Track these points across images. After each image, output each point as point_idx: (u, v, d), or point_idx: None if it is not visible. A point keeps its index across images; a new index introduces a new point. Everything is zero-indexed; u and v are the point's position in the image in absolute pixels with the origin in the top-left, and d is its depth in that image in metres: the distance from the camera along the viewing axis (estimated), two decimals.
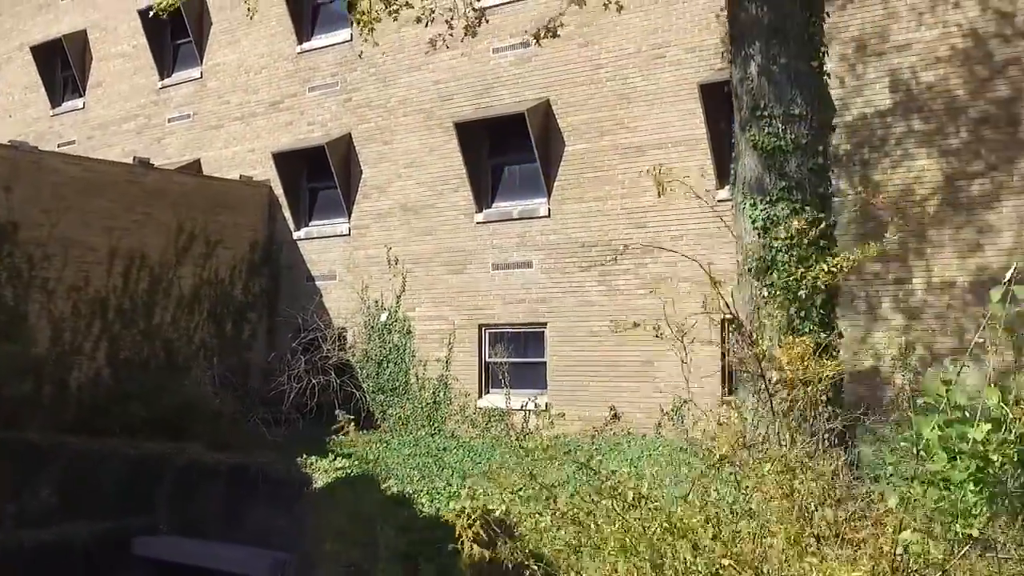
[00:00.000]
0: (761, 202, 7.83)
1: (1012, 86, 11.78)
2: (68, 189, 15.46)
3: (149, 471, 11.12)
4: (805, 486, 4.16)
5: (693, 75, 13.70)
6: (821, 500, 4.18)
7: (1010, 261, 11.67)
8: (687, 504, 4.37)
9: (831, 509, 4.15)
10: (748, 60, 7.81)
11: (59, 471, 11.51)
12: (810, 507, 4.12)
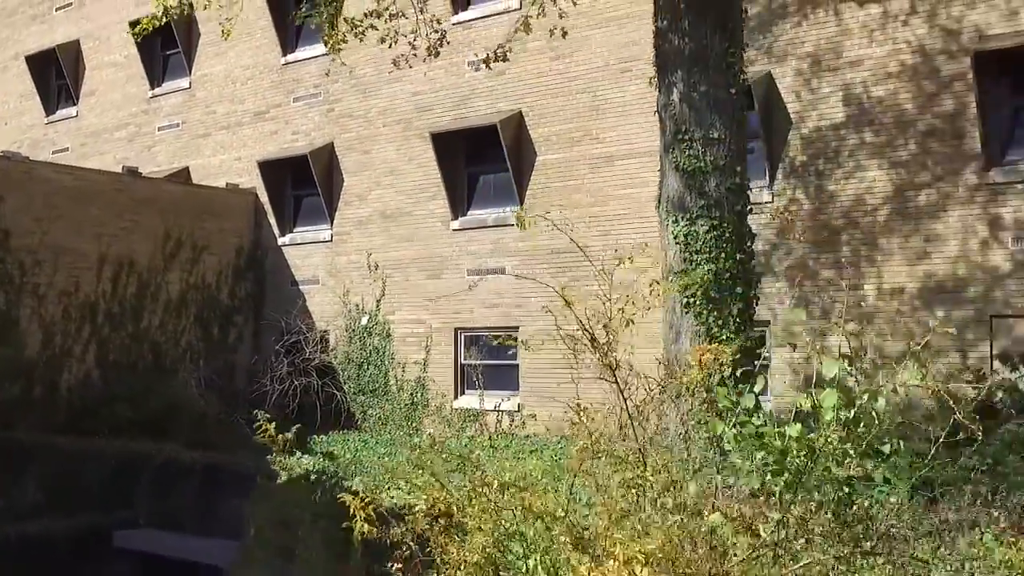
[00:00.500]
0: (682, 219, 8.36)
1: (957, 101, 12.30)
2: (59, 198, 16.01)
3: (129, 469, 11.67)
4: (632, 474, 4.78)
5: None
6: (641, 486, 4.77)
7: (955, 268, 12.26)
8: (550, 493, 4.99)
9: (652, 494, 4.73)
10: (671, 87, 8.34)
11: (46, 469, 12.06)
12: (632, 493, 4.72)
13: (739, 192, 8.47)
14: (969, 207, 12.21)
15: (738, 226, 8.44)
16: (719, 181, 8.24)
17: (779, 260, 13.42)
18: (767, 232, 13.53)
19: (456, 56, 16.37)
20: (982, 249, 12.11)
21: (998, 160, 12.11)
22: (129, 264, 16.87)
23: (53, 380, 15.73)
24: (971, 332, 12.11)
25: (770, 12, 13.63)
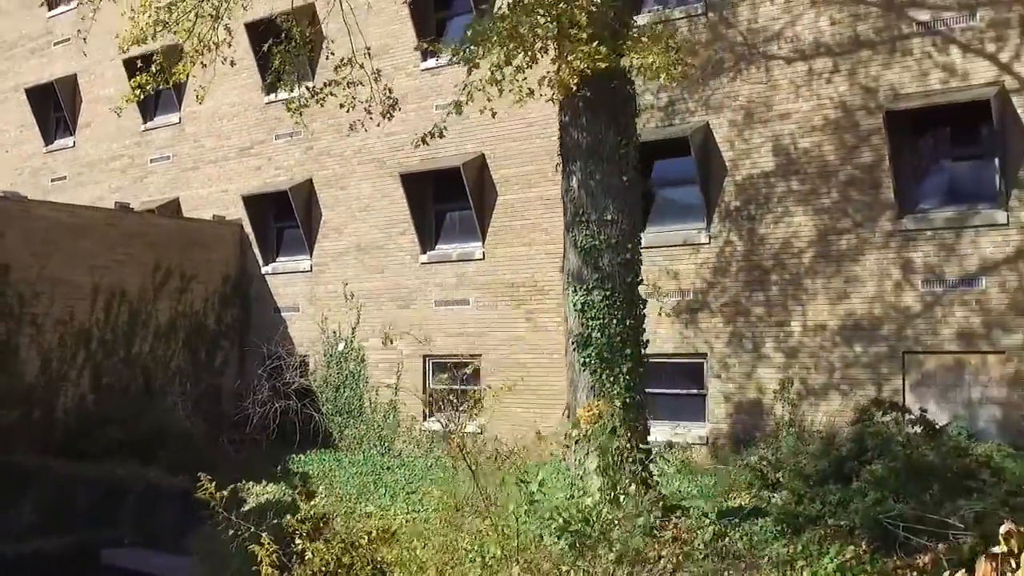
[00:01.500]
0: (580, 289, 9.47)
1: (875, 153, 13.40)
2: (55, 233, 17.16)
3: (117, 492, 12.81)
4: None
5: None
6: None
7: (872, 308, 13.37)
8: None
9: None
10: (571, 175, 9.45)
11: (41, 492, 13.21)
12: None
13: (630, 266, 9.56)
14: (884, 252, 13.31)
15: (629, 295, 9.53)
16: (611, 257, 9.34)
17: (715, 297, 14.54)
18: (704, 271, 14.68)
19: (425, 100, 17.57)
20: (895, 291, 13.22)
21: (910, 209, 13.22)
22: (121, 294, 18.02)
23: (50, 404, 16.88)
24: (885, 367, 13.23)
25: (706, 64, 14.74)
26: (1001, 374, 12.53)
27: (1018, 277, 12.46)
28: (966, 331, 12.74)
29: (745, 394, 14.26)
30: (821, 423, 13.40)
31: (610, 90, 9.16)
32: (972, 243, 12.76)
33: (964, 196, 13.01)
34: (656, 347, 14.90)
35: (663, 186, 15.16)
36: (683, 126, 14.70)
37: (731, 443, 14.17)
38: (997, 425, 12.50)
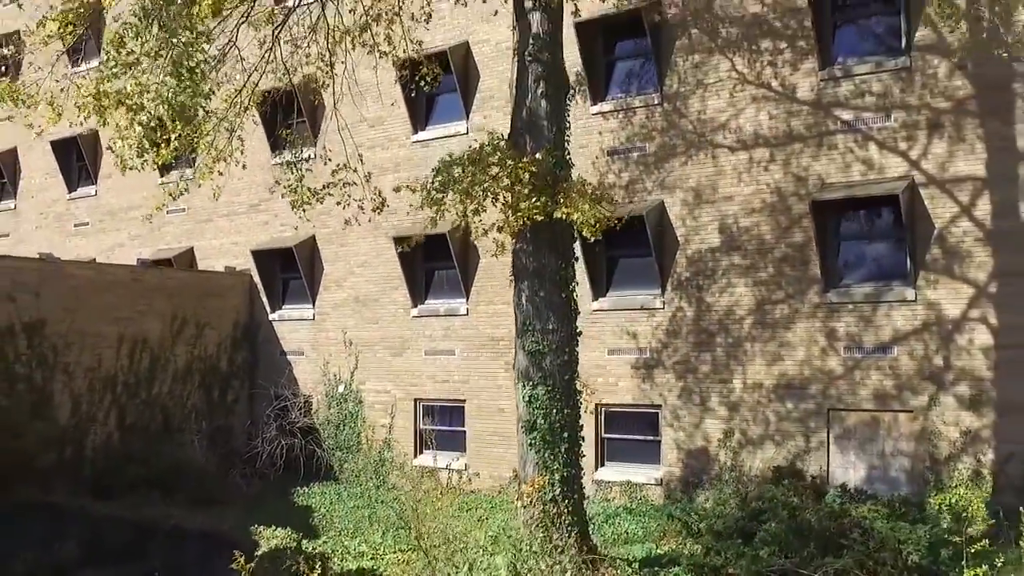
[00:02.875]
0: (527, 385, 11.43)
1: (805, 234, 15.34)
2: (84, 289, 19.15)
3: (147, 530, 14.78)
4: None
5: None
6: None
7: (802, 370, 15.32)
8: None
9: None
10: (520, 292, 11.39)
11: (80, 529, 15.18)
12: None
13: (567, 366, 11.50)
14: (812, 321, 15.27)
15: (567, 390, 11.47)
16: (552, 359, 11.29)
17: (668, 356, 16.49)
18: (659, 333, 16.64)
19: (415, 169, 19.48)
20: (822, 355, 15.17)
21: (834, 284, 15.17)
22: (143, 341, 20.00)
23: (80, 443, 18.86)
24: (812, 421, 15.20)
25: (663, 150, 16.69)
26: (910, 430, 14.50)
27: (924, 347, 14.41)
28: (881, 392, 14.70)
29: (694, 442, 16.22)
30: (758, 468, 15.42)
31: (550, 225, 11.07)
32: (886, 316, 14.71)
33: (880, 275, 14.97)
34: (618, 398, 17.03)
35: (624, 256, 17.07)
36: (641, 204, 16.65)
37: (681, 485, 16.15)
38: (906, 474, 14.47)
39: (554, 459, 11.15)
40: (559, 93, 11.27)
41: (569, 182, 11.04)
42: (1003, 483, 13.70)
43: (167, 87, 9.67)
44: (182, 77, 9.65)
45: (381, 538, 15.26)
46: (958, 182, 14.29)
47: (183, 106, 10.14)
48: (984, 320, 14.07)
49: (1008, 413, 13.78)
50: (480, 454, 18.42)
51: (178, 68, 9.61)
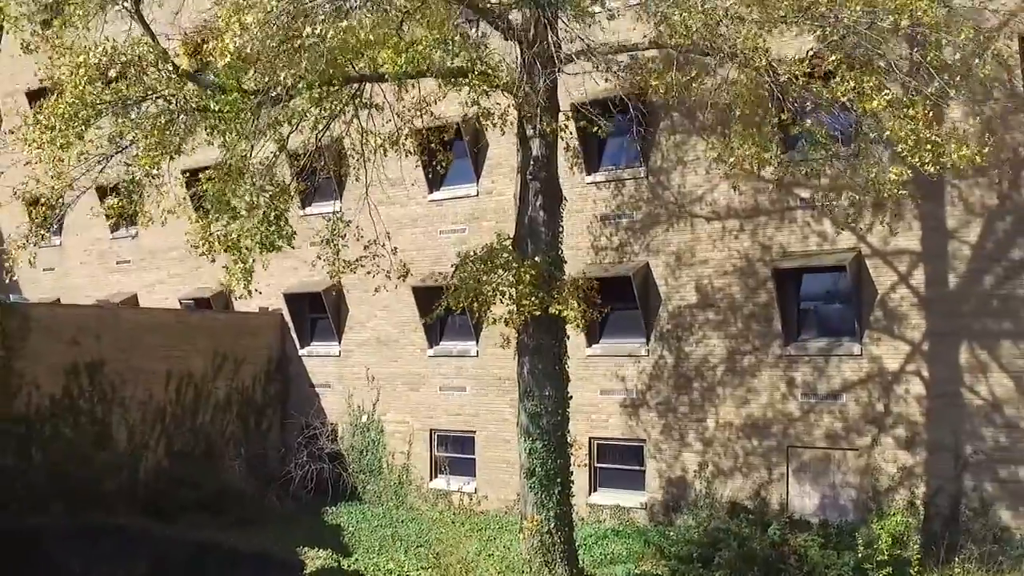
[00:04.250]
0: (527, 439, 13.91)
1: (769, 295, 17.81)
2: (137, 331, 21.64)
3: (205, 551, 17.25)
4: None
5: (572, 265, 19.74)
6: None
7: (766, 412, 17.77)
8: None
9: None
10: (523, 365, 13.87)
11: (145, 549, 17.66)
12: None
13: (560, 425, 13.96)
14: (775, 370, 17.75)
15: (560, 445, 13.96)
16: (548, 419, 13.78)
17: (651, 397, 18.98)
18: (643, 376, 19.12)
19: (431, 226, 22.04)
20: (782, 400, 17.65)
21: (793, 339, 17.65)
22: (188, 376, 22.50)
23: (135, 468, 21.35)
24: (774, 456, 17.69)
25: (649, 218, 19.16)
26: (855, 466, 16.99)
27: (868, 394, 16.90)
28: (831, 432, 17.19)
29: (674, 472, 18.72)
30: (727, 496, 17.92)
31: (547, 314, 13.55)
32: (836, 367, 17.20)
33: (831, 332, 17.46)
34: (609, 432, 19.52)
35: (614, 310, 19.51)
36: (629, 265, 19.13)
37: (663, 509, 18.65)
38: (852, 503, 16.96)
39: (549, 500, 13.64)
40: (554, 204, 13.76)
41: (562, 281, 13.51)
42: (933, 513, 16.20)
43: (261, 232, 12.21)
44: (270, 223, 12.17)
45: (405, 556, 17.75)
46: (897, 255, 16.78)
47: (272, 244, 12.64)
48: (918, 373, 16.56)
49: (937, 453, 16.27)
50: (488, 479, 20.92)
51: (267, 216, 12.14)
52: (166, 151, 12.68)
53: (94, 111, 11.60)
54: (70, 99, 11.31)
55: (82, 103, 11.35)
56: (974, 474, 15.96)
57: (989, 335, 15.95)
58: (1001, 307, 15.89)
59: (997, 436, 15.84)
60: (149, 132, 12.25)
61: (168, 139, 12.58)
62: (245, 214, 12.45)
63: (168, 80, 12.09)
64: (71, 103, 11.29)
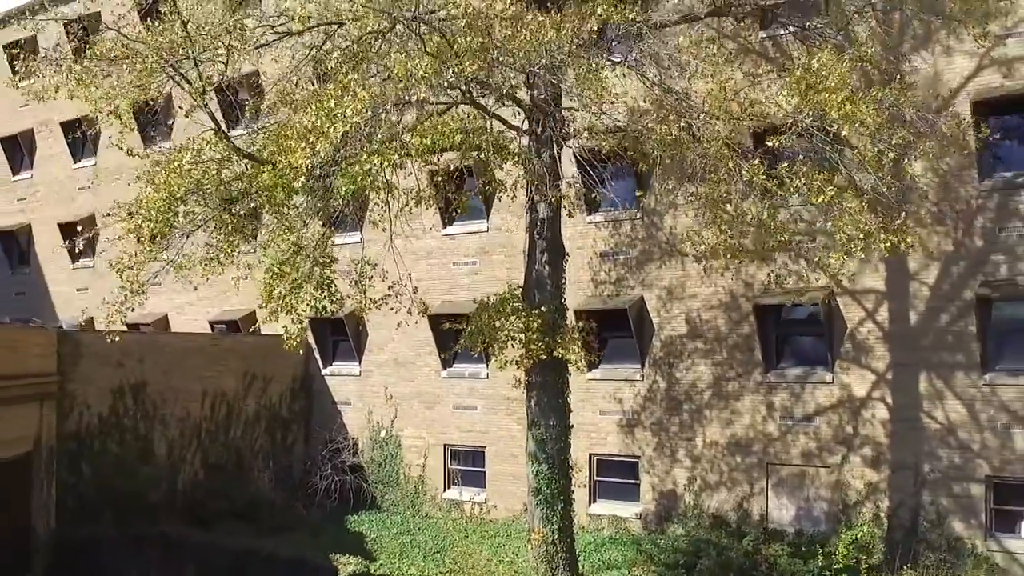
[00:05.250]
0: (535, 463, 15.88)
1: (751, 327, 19.76)
2: (175, 354, 23.62)
3: (246, 558, 19.20)
4: None
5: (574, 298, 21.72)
6: None
7: (748, 432, 19.77)
8: None
9: None
10: (531, 399, 15.82)
11: (189, 555, 19.63)
12: None
13: (563, 450, 15.91)
14: (756, 395, 19.74)
15: (563, 468, 15.91)
16: (552, 445, 15.74)
17: (646, 418, 20.98)
18: (638, 399, 21.11)
19: (445, 258, 24.02)
20: (763, 422, 19.64)
21: (772, 367, 19.65)
22: (221, 395, 24.49)
23: (174, 480, 23.33)
24: (755, 472, 19.68)
25: (643, 255, 21.15)
26: (827, 481, 18.98)
27: (839, 418, 18.88)
28: (806, 451, 19.18)
29: (665, 485, 20.72)
30: (713, 508, 19.91)
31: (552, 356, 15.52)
32: (811, 393, 19.19)
33: (807, 361, 19.45)
34: (607, 449, 21.49)
35: (612, 338, 21.50)
36: (626, 298, 21.12)
37: (656, 519, 20.65)
38: (824, 515, 18.95)
39: (553, 514, 15.62)
40: (558, 259, 15.73)
41: (565, 328, 15.48)
42: (895, 524, 18.20)
43: (316, 298, 14.23)
44: (323, 291, 14.20)
45: (423, 561, 19.74)
46: (865, 293, 18.77)
47: (325, 308, 14.66)
48: (883, 399, 18.55)
49: (899, 471, 18.26)
50: (497, 490, 22.92)
51: (321, 283, 14.19)
52: (243, 236, 14.55)
53: (182, 203, 13.57)
54: (163, 194, 13.30)
55: (173, 198, 13.34)
56: (931, 490, 17.96)
57: (945, 366, 17.95)
58: (955, 342, 17.88)
59: (952, 456, 17.84)
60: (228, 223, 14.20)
61: (243, 227, 14.50)
62: (305, 283, 14.39)
63: (241, 174, 14.01)
64: (164, 198, 13.28)
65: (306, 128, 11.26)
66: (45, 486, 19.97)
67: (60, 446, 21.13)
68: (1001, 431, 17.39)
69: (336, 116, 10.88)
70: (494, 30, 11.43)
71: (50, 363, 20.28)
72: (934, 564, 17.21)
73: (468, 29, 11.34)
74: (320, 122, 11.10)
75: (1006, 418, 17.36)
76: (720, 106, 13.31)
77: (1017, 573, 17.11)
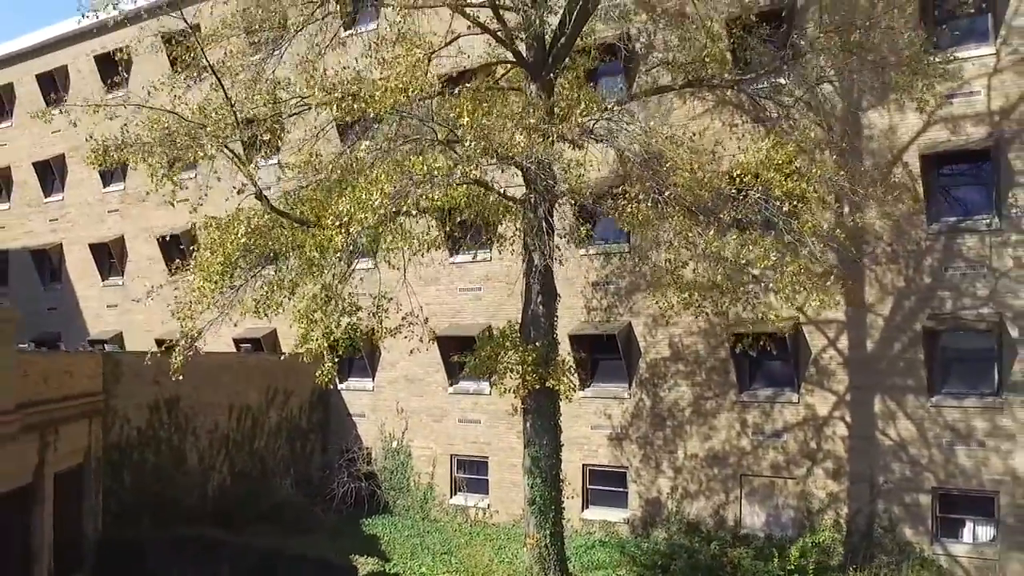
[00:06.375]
0: (530, 477, 18.07)
1: (726, 352, 22.02)
2: (206, 372, 25.87)
3: (275, 557, 21.47)
4: None
5: (568, 324, 23.98)
6: None
7: (724, 446, 22.03)
8: None
9: None
10: (527, 421, 17.99)
11: (223, 555, 21.90)
12: None
13: (555, 466, 18.10)
14: (731, 413, 21.99)
15: (555, 481, 18.11)
16: (545, 462, 17.91)
17: (633, 432, 23.25)
18: (626, 415, 23.37)
19: (452, 284, 26.27)
20: (737, 437, 21.89)
21: (745, 388, 21.89)
22: (246, 408, 26.77)
23: (204, 487, 25.62)
24: (730, 483, 21.94)
25: (631, 286, 23.40)
26: (794, 491, 21.23)
27: (804, 434, 21.13)
28: (775, 464, 21.43)
29: (651, 494, 22.98)
30: (693, 514, 22.17)
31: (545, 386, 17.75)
32: (780, 412, 21.45)
33: (776, 383, 21.69)
34: (598, 460, 23.72)
35: (603, 360, 23.76)
36: (615, 324, 23.38)
37: (642, 524, 22.91)
38: (791, 521, 21.19)
39: (546, 522, 17.86)
40: (551, 301, 17.96)
41: (556, 361, 17.71)
42: (853, 529, 20.45)
43: (343, 344, 16.57)
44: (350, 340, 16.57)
45: (432, 561, 22.01)
46: (827, 323, 21.01)
47: (353, 350, 16.96)
48: (842, 418, 20.80)
49: (857, 482, 20.51)
50: (499, 497, 25.19)
51: (348, 330, 16.52)
52: (283, 292, 16.80)
53: (236, 266, 15.86)
54: (222, 258, 15.59)
55: (229, 262, 15.62)
56: (885, 500, 20.20)
57: (897, 390, 20.19)
58: (906, 368, 20.12)
59: (903, 470, 20.08)
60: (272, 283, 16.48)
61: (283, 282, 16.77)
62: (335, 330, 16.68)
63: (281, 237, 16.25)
64: (222, 262, 15.58)
65: (342, 212, 13.56)
66: (93, 493, 22.23)
67: (105, 457, 23.41)
68: (946, 448, 19.62)
69: (366, 206, 13.15)
70: (493, 137, 13.73)
71: (97, 383, 22.55)
72: (886, 565, 19.46)
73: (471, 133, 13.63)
74: (353, 209, 13.38)
75: (950, 436, 19.59)
76: (689, 174, 15.48)
77: (959, 575, 19.36)
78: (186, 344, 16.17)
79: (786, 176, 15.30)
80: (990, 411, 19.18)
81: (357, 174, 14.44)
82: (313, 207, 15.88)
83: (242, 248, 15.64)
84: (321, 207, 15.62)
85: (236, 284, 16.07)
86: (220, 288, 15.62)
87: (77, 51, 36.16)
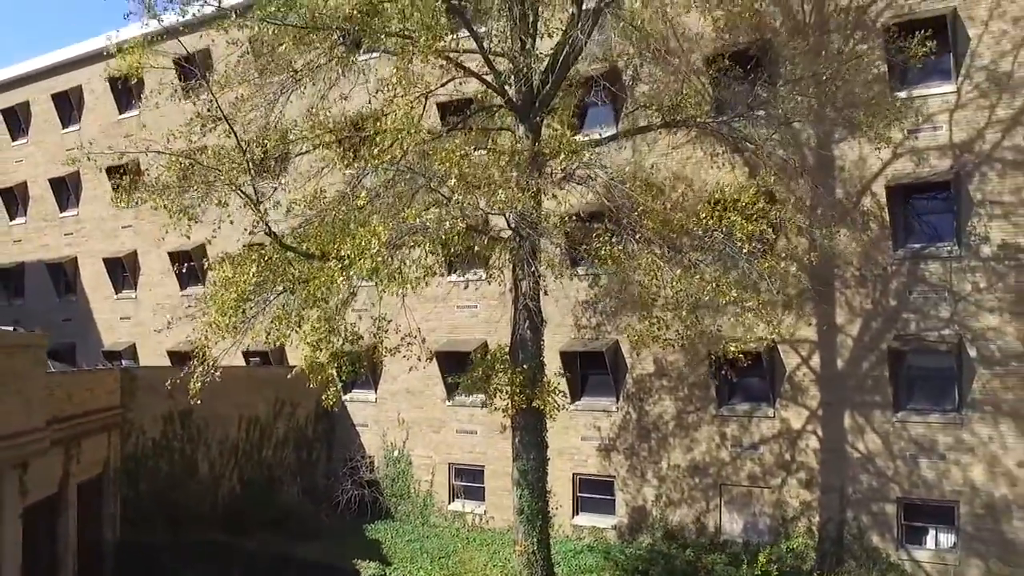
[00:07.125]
0: (518, 488, 19.44)
1: (707, 369, 23.38)
2: (217, 385, 27.01)
3: (285, 561, 22.90)
4: None
5: (560, 341, 25.36)
6: None
7: (705, 456, 23.42)
8: None
9: None
10: (515, 436, 19.33)
11: (235, 559, 23.32)
12: None
13: (542, 478, 19.35)
14: (712, 426, 23.36)
15: (541, 492, 19.42)
16: (531, 476, 19.18)
17: (620, 443, 24.63)
18: (614, 427, 24.75)
19: (450, 301, 27.66)
20: (717, 449, 23.26)
21: (725, 403, 23.27)
22: (255, 419, 28.18)
23: (215, 494, 27.03)
24: (711, 492, 23.32)
25: (618, 306, 24.77)
26: (770, 500, 22.61)
27: (779, 447, 22.50)
28: (752, 474, 22.80)
29: (637, 502, 24.36)
30: (676, 521, 23.55)
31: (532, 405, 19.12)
32: (756, 426, 22.81)
33: (753, 398, 23.06)
34: (588, 469, 25.11)
35: (592, 375, 25.13)
36: (603, 342, 24.76)
37: (628, 530, 24.29)
38: (767, 528, 22.56)
39: (533, 530, 19.25)
40: (537, 325, 19.36)
41: (542, 383, 19.09)
42: (824, 536, 21.82)
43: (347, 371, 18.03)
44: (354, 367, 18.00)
45: (431, 564, 23.41)
46: (801, 343, 22.38)
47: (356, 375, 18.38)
48: (815, 432, 22.17)
49: (828, 492, 21.88)
50: (494, 503, 26.59)
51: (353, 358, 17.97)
52: (289, 325, 18.19)
53: (246, 299, 17.30)
54: (235, 294, 17.04)
55: (243, 298, 17.06)
56: (854, 508, 21.56)
57: (865, 405, 21.55)
58: (874, 385, 21.47)
59: (871, 481, 21.44)
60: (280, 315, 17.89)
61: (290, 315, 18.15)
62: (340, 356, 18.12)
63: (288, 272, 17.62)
64: (235, 297, 17.02)
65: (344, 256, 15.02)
66: (112, 501, 23.68)
67: (122, 466, 24.85)
68: (910, 460, 20.98)
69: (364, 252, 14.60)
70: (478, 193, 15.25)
71: (116, 398, 23.99)
72: (855, 569, 20.84)
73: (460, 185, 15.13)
74: (354, 255, 14.83)
75: (914, 449, 20.95)
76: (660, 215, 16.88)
77: None
78: (203, 372, 17.47)
79: (747, 219, 16.70)
80: (951, 426, 20.53)
81: (359, 225, 15.84)
82: (318, 243, 17.31)
83: (254, 285, 17.03)
84: (327, 243, 17.01)
85: (249, 315, 17.39)
86: (234, 322, 16.98)
87: (91, 72, 37.59)
